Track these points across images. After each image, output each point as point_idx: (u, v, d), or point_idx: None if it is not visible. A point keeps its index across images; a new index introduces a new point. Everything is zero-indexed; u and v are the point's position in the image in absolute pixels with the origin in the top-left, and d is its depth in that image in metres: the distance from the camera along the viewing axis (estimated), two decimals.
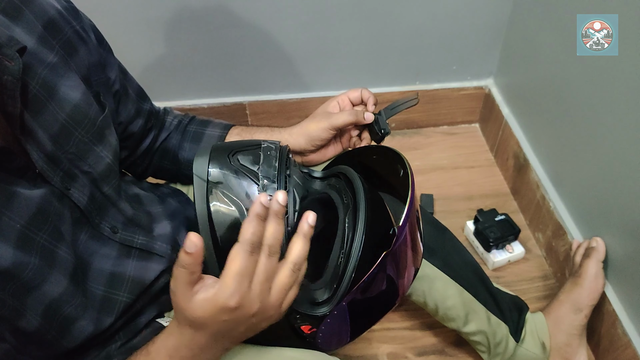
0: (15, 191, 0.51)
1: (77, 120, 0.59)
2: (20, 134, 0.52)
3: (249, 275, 0.46)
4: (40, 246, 0.52)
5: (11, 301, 0.49)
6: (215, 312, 0.47)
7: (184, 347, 0.51)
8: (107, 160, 0.63)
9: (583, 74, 1.00)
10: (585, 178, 1.04)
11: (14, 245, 0.49)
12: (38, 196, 0.53)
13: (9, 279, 0.49)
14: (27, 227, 0.51)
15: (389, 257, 0.54)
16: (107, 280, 0.61)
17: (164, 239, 0.69)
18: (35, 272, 0.51)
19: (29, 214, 0.51)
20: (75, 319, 0.56)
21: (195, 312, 0.47)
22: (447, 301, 0.88)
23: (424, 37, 1.31)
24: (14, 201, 0.50)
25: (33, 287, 0.51)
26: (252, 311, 0.48)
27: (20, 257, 0.50)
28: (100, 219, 0.62)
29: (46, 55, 0.57)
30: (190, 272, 0.46)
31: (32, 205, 0.52)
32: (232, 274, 0.45)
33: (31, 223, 0.51)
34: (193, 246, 0.45)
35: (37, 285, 0.51)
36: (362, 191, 0.55)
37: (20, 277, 0.50)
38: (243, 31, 1.24)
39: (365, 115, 0.76)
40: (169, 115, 0.83)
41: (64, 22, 0.61)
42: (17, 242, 0.50)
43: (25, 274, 0.50)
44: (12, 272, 0.49)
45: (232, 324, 0.48)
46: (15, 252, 0.49)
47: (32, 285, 0.51)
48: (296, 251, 0.48)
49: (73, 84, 0.59)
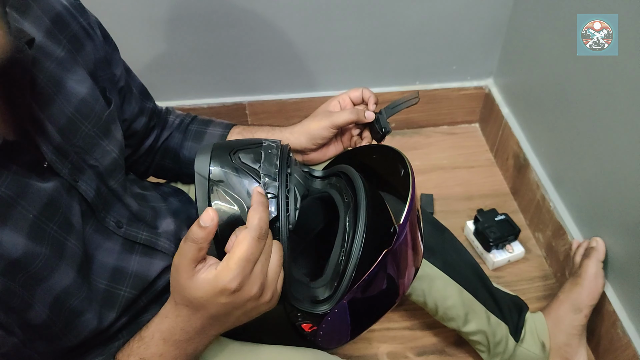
0: (29, 182, 0.51)
1: (84, 114, 0.59)
2: (30, 126, 0.53)
3: (254, 261, 0.47)
4: (51, 237, 0.52)
5: (21, 292, 0.49)
6: (215, 293, 0.47)
7: (180, 329, 0.52)
8: (114, 155, 0.63)
9: (583, 74, 1.00)
10: (585, 178, 1.04)
11: (26, 236, 0.50)
12: (49, 188, 0.53)
13: (20, 269, 0.49)
14: (39, 218, 0.51)
15: (390, 255, 0.54)
16: (110, 275, 0.61)
17: (167, 236, 0.69)
18: (45, 263, 0.51)
19: (41, 204, 0.52)
20: (81, 312, 0.56)
21: (195, 292, 0.48)
22: (446, 301, 0.88)
23: (424, 37, 1.31)
24: (28, 192, 0.51)
25: (42, 278, 0.51)
26: (251, 295, 0.49)
27: (32, 248, 0.50)
28: (106, 213, 0.62)
29: (54, 49, 0.58)
30: (199, 247, 0.47)
31: (43, 197, 0.52)
32: (237, 258, 0.46)
33: (43, 214, 0.52)
34: (209, 220, 0.46)
35: (46, 276, 0.52)
36: (362, 190, 0.55)
37: (30, 268, 0.50)
38: (243, 31, 1.24)
39: (366, 114, 0.76)
40: (171, 114, 0.83)
41: (70, 18, 0.61)
42: (29, 232, 0.50)
43: (36, 264, 0.50)
44: (23, 262, 0.49)
45: (229, 307, 0.49)
46: (27, 242, 0.50)
47: (42, 276, 0.51)
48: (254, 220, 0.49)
49: (80, 78, 0.60)
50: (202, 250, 0.47)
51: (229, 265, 0.47)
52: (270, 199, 0.52)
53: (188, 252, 0.47)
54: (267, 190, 0.52)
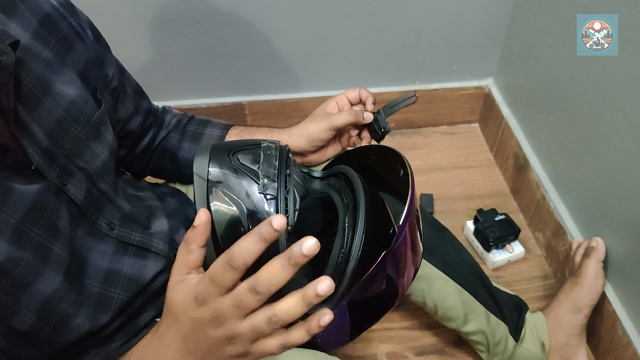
0: (11, 186, 0.51)
1: (73, 116, 0.59)
2: (15, 128, 0.52)
3: (217, 284, 0.41)
4: (35, 242, 0.52)
5: (5, 299, 0.49)
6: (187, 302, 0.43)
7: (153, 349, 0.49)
8: (103, 157, 0.62)
9: (583, 74, 1.00)
10: (585, 178, 1.04)
11: (8, 241, 0.49)
12: (33, 191, 0.53)
13: (3, 275, 0.49)
14: (21, 223, 0.51)
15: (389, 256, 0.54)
16: (103, 278, 0.61)
17: (161, 236, 0.68)
18: (29, 268, 0.50)
19: (24, 209, 0.51)
20: (71, 317, 0.56)
21: (175, 295, 0.45)
22: (446, 301, 0.88)
23: (423, 36, 1.31)
24: (10, 196, 0.50)
25: (26, 284, 0.51)
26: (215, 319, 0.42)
27: (14, 253, 0.49)
28: (98, 215, 0.62)
29: (41, 50, 0.57)
30: (188, 249, 0.44)
31: (26, 201, 0.52)
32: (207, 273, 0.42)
33: (26, 218, 0.51)
34: (197, 219, 0.44)
35: (30, 281, 0.51)
36: (361, 191, 0.55)
37: (13, 273, 0.49)
38: (242, 31, 1.24)
39: (364, 115, 0.76)
40: (168, 114, 0.83)
41: (60, 18, 0.61)
42: (11, 237, 0.49)
43: (19, 270, 0.50)
44: (5, 267, 0.49)
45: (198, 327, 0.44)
46: (9, 247, 0.49)
47: (26, 281, 0.51)
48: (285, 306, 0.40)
49: (68, 79, 0.59)
50: (191, 252, 0.44)
51: (203, 277, 0.42)
52: (269, 200, 0.52)
53: (179, 254, 0.45)
54: (266, 192, 0.52)
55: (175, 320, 0.45)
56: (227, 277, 0.40)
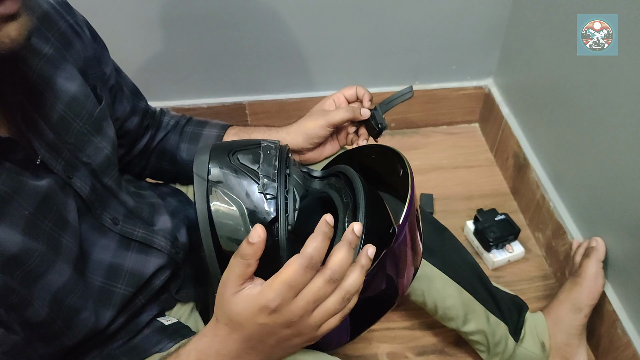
0: (22, 179, 0.51)
1: (75, 111, 0.59)
2: (22, 123, 0.53)
3: (296, 288, 0.46)
4: (46, 234, 0.53)
5: (20, 289, 0.50)
6: (254, 311, 0.46)
7: (214, 351, 0.51)
8: (106, 152, 0.63)
9: (583, 74, 1.00)
10: (585, 178, 1.04)
11: (22, 232, 0.50)
12: (43, 185, 0.53)
13: (18, 265, 0.49)
14: (34, 215, 0.51)
15: (389, 255, 0.54)
16: (106, 272, 0.61)
17: (164, 233, 0.69)
18: (41, 259, 0.51)
19: (36, 201, 0.52)
20: (79, 310, 0.56)
21: (235, 306, 0.47)
22: (446, 301, 0.88)
23: (423, 37, 1.31)
24: (23, 189, 0.51)
25: (40, 275, 0.51)
26: (289, 322, 0.47)
27: (28, 243, 0.50)
28: (102, 210, 0.62)
29: (42, 47, 0.58)
30: (247, 264, 0.46)
31: (38, 193, 0.52)
32: (280, 280, 0.45)
33: (38, 210, 0.52)
34: (257, 236, 0.46)
35: (43, 272, 0.52)
36: (361, 190, 0.55)
37: (27, 264, 0.50)
38: (242, 31, 1.24)
39: (361, 111, 0.77)
40: (166, 115, 0.83)
41: (58, 16, 0.61)
42: (25, 228, 0.50)
43: (32, 261, 0.51)
44: (20, 257, 0.49)
45: (266, 330, 0.48)
46: (23, 238, 0.50)
47: (39, 272, 0.51)
48: (351, 280, 0.48)
49: (70, 75, 0.60)
50: (249, 266, 0.46)
51: (272, 285, 0.45)
52: (269, 199, 0.52)
53: (236, 268, 0.47)
54: (266, 191, 0.52)
55: (238, 327, 0.48)
56: (307, 278, 0.46)
